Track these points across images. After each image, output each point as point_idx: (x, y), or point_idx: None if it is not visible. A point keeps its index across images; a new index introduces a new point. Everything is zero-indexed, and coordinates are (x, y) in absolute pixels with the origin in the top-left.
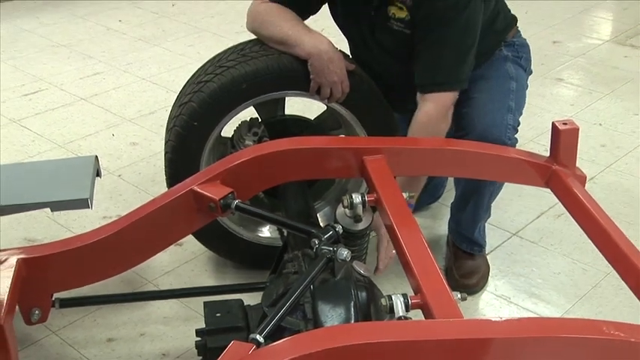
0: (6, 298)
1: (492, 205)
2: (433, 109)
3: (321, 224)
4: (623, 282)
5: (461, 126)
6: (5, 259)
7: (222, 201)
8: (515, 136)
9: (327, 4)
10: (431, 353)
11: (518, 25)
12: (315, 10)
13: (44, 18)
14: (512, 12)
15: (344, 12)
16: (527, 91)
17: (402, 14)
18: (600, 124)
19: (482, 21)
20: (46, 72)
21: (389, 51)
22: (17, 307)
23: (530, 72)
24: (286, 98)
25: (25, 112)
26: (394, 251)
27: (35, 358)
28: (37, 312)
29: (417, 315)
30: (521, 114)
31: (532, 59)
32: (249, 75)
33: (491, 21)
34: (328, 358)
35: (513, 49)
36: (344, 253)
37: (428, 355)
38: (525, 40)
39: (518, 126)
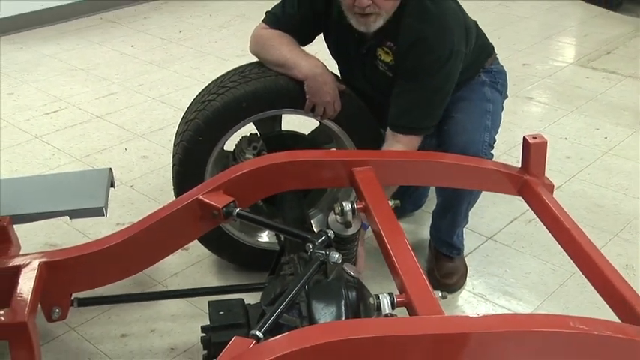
0: (29, 298)
1: (470, 212)
2: (402, 149)
3: (315, 230)
4: (587, 280)
5: (442, 142)
6: (28, 263)
7: (224, 209)
8: (492, 152)
9: (322, 34)
10: (415, 347)
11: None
12: (311, 39)
13: (64, 44)
14: (488, 38)
15: (337, 46)
16: (502, 112)
17: (388, 58)
18: (566, 138)
19: (468, 58)
20: (65, 93)
21: (373, 85)
22: (39, 305)
23: (506, 96)
24: (282, 115)
25: (47, 129)
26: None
27: (56, 352)
28: (57, 310)
29: (402, 312)
30: (497, 132)
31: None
32: (248, 95)
33: (476, 56)
34: (322, 352)
35: (491, 75)
36: (335, 256)
37: (412, 348)
38: (502, 67)
39: (493, 143)
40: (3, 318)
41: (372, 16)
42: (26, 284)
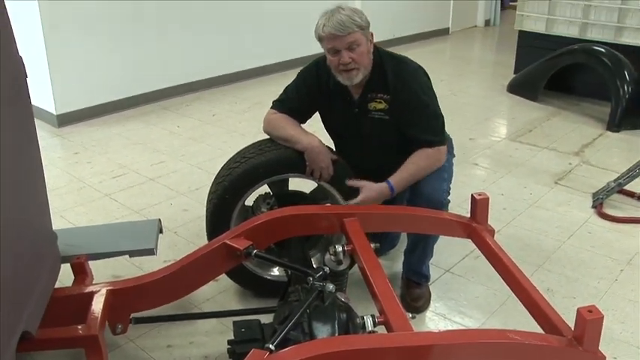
0: (99, 317)
1: (433, 250)
2: (429, 158)
3: (314, 266)
4: (519, 301)
5: (413, 192)
6: (99, 290)
7: (245, 250)
8: (449, 198)
9: (318, 113)
10: (392, 357)
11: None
12: (309, 116)
13: (128, 125)
14: None
15: (332, 113)
16: (454, 169)
17: (381, 105)
18: (502, 194)
19: None
20: (128, 161)
21: (370, 135)
22: (107, 322)
23: (454, 155)
24: (290, 179)
25: (114, 189)
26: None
27: (118, 358)
28: (120, 326)
29: (381, 329)
30: (451, 182)
31: (455, 150)
32: (264, 163)
33: None
34: None
35: None
36: (330, 286)
37: (390, 358)
38: (449, 135)
39: (450, 191)
40: (80, 331)
41: (354, 71)
42: (97, 306)
